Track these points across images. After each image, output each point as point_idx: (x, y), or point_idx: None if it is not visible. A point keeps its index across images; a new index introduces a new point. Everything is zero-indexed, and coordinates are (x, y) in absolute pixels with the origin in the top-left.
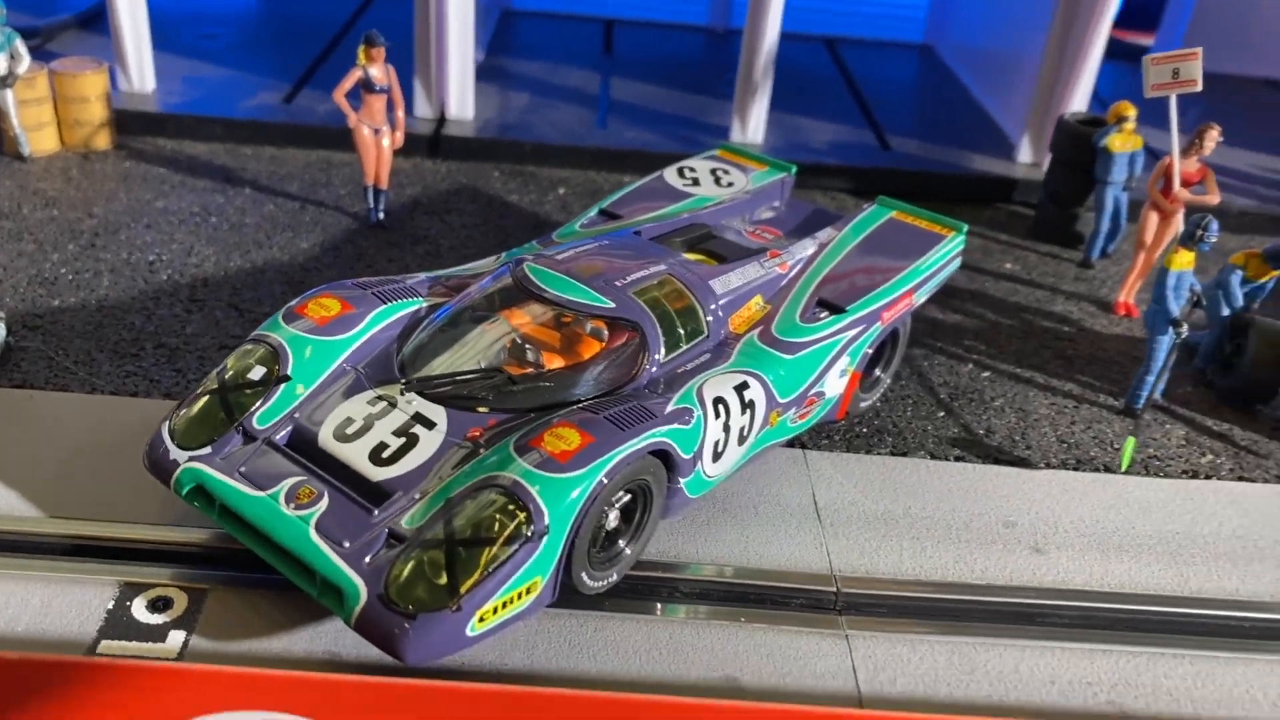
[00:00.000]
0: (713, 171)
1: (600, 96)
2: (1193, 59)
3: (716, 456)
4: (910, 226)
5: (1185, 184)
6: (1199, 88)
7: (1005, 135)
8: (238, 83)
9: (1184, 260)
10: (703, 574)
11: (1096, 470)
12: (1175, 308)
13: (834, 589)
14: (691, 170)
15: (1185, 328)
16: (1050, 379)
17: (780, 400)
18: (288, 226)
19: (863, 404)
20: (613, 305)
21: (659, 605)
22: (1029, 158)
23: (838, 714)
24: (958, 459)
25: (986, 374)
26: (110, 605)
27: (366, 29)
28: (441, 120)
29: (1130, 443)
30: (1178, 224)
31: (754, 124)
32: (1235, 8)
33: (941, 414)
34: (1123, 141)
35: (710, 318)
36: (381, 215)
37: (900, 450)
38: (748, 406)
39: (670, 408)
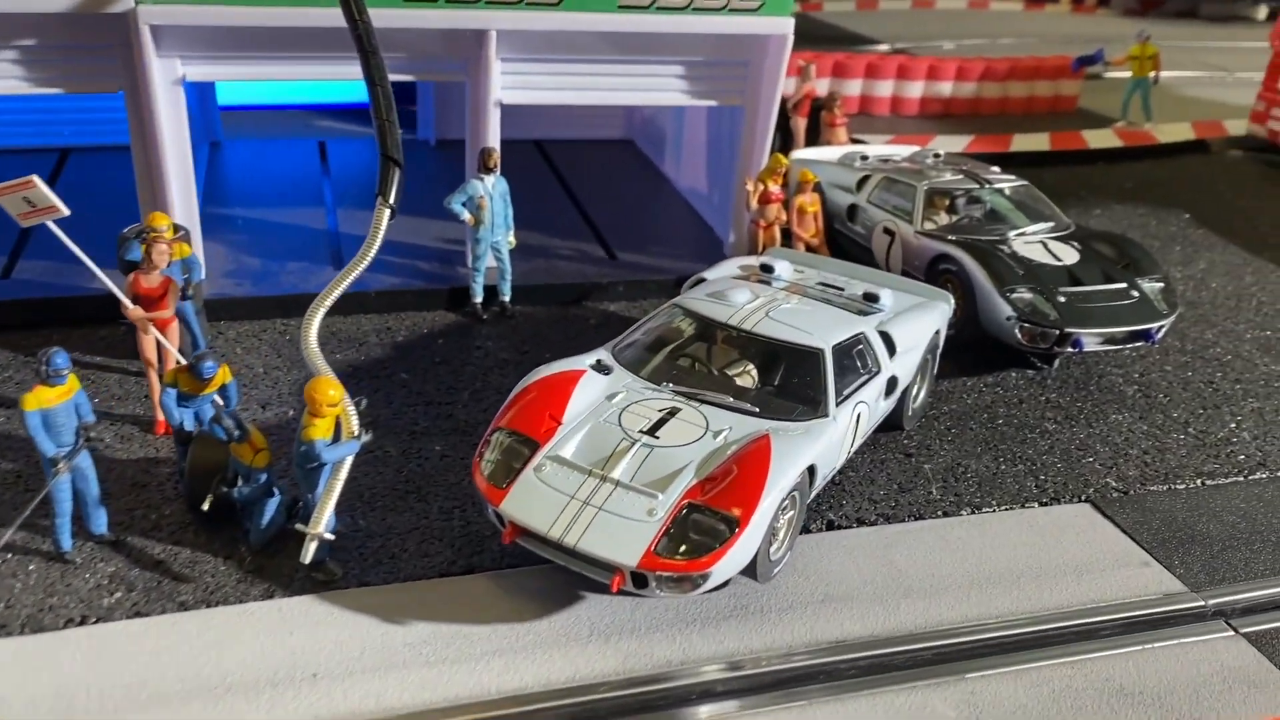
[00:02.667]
0: None
1: None
2: (31, 186)
3: None
4: None
5: (149, 297)
6: (64, 211)
7: None
8: None
9: (43, 398)
10: None
11: None
12: (49, 448)
13: None
14: None
15: (66, 465)
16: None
17: None
18: None
19: None
20: None
21: None
22: None
23: None
24: None
25: None
26: None
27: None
28: None
29: None
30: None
31: None
32: (454, 88)
33: None
34: None
35: None
36: None
37: None
38: None
39: None
